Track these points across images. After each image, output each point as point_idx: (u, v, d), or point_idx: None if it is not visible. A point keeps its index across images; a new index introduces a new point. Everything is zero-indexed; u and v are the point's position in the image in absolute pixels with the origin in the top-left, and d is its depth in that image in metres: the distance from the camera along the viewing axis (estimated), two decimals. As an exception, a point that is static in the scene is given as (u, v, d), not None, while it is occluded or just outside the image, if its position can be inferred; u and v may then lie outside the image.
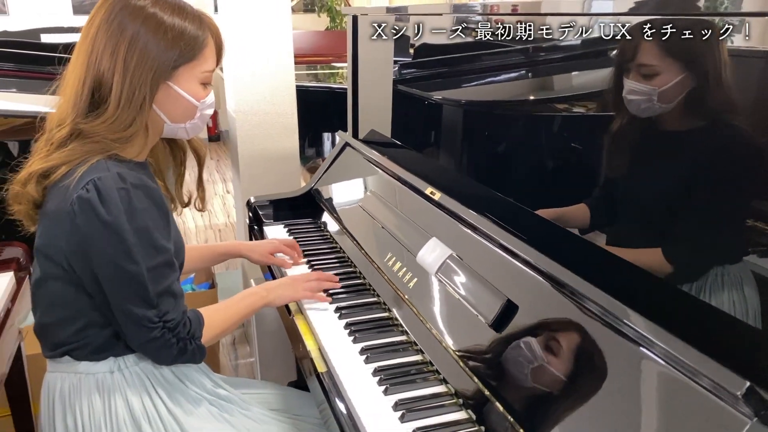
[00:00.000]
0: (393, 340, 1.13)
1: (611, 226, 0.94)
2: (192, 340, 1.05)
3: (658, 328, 0.70)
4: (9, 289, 1.47)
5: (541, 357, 0.85)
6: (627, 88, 0.83)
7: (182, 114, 1.06)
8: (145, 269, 0.97)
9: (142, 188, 0.98)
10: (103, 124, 0.98)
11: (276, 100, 2.20)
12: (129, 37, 0.97)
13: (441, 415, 0.92)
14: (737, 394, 0.60)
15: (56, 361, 1.06)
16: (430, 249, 1.17)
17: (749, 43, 0.67)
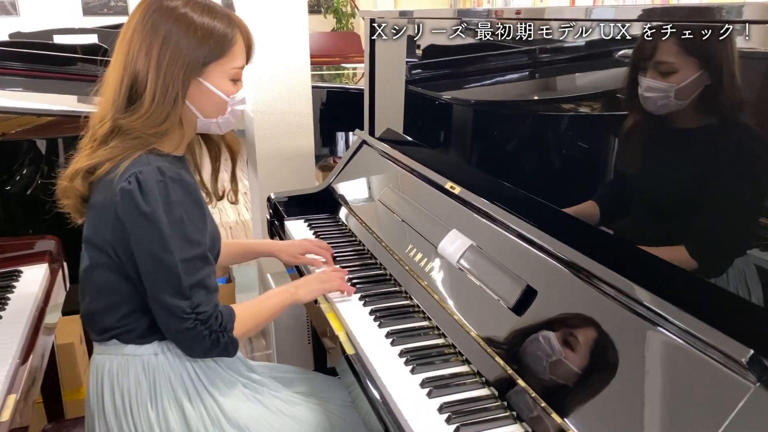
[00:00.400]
0: (416, 325, 1.20)
1: (621, 222, 1.00)
2: (224, 332, 1.08)
3: (669, 304, 0.77)
4: (46, 279, 1.54)
5: (560, 336, 0.93)
6: (644, 85, 0.87)
7: (214, 109, 1.11)
8: (179, 260, 1.02)
9: (180, 182, 1.04)
10: (140, 119, 1.04)
11: (292, 100, 2.27)
12: (162, 36, 1.03)
13: (465, 391, 0.99)
14: (742, 361, 0.67)
15: (104, 345, 1.13)
16: (451, 240, 1.24)
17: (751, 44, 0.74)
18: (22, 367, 1.19)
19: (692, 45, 0.81)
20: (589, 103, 1.11)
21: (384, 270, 1.43)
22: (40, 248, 1.68)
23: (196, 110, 1.10)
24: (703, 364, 0.72)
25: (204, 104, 1.10)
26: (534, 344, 0.96)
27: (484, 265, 1.15)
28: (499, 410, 0.94)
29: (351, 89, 2.83)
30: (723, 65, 0.78)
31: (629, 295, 0.84)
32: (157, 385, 1.10)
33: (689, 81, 0.83)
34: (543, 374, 0.92)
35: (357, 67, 4.01)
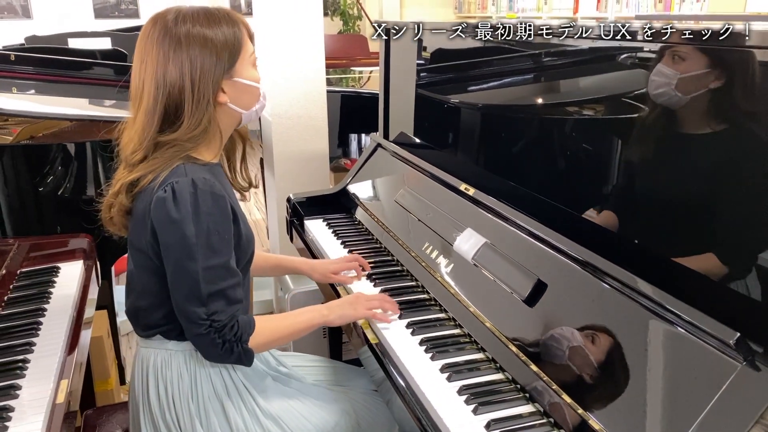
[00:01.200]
0: (433, 316, 1.30)
1: (624, 220, 1.10)
2: (239, 342, 1.11)
3: (666, 293, 0.87)
4: (82, 275, 1.64)
5: (569, 325, 1.02)
6: (655, 70, 0.92)
7: (252, 99, 1.17)
8: (201, 268, 1.06)
9: (211, 195, 1.08)
10: (183, 133, 1.09)
11: (308, 104, 2.37)
12: (182, 62, 1.07)
13: (481, 376, 1.09)
14: (730, 342, 0.77)
15: (148, 339, 1.21)
16: (466, 238, 1.34)
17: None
18: (69, 357, 1.29)
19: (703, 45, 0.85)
20: (593, 105, 1.20)
21: (401, 266, 1.53)
22: (74, 246, 1.78)
23: (238, 108, 1.15)
24: (696, 346, 0.82)
25: (243, 99, 1.16)
26: (545, 333, 1.06)
27: (497, 261, 1.24)
28: (512, 392, 1.04)
29: (363, 93, 2.93)
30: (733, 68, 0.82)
31: (631, 286, 0.94)
32: (197, 379, 1.18)
33: (694, 74, 0.87)
34: (554, 359, 1.01)
35: (363, 71, 4.09)
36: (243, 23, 1.16)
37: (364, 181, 1.96)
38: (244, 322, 1.13)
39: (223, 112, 1.15)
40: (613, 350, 0.93)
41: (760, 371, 0.75)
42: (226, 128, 1.19)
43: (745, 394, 0.75)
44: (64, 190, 2.05)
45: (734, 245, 0.85)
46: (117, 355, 2.22)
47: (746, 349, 0.77)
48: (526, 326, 1.10)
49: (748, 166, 0.83)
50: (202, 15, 1.11)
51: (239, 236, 1.15)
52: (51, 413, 1.09)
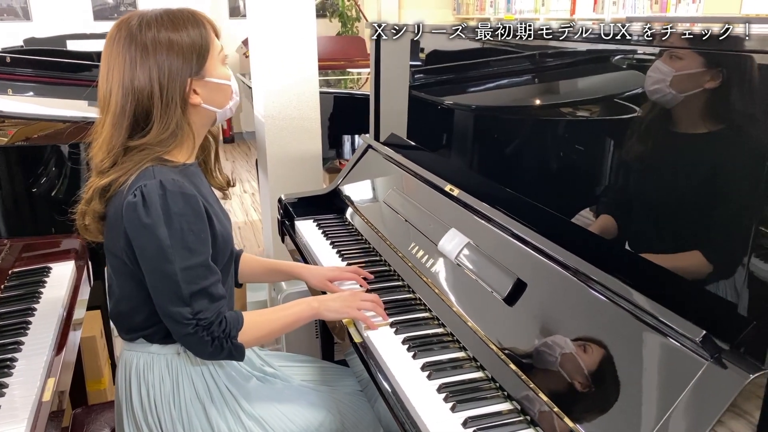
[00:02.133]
0: (418, 316, 1.31)
1: (598, 220, 1.11)
2: (228, 339, 1.12)
3: (635, 291, 0.88)
4: (73, 275, 1.65)
5: (546, 323, 1.03)
6: (652, 67, 0.91)
7: (224, 97, 1.17)
8: (179, 269, 1.06)
9: (181, 195, 1.08)
10: (154, 137, 1.09)
11: (301, 106, 2.39)
12: (150, 68, 1.07)
13: (461, 374, 1.10)
14: (696, 340, 0.78)
15: (132, 342, 1.21)
16: (449, 238, 1.35)
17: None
18: (57, 357, 1.30)
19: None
20: (576, 108, 1.21)
21: (388, 266, 1.54)
22: (66, 246, 1.79)
23: (212, 107, 1.15)
24: (663, 344, 0.83)
25: (217, 97, 1.15)
26: (523, 332, 1.07)
27: (479, 261, 1.26)
28: (491, 391, 1.05)
29: (356, 95, 2.94)
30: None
31: (602, 284, 0.95)
32: (179, 382, 1.18)
33: (688, 73, 0.87)
34: (531, 358, 1.02)
35: (362, 72, 4.11)
36: (208, 22, 1.16)
37: (354, 182, 1.97)
38: (231, 317, 1.14)
39: (196, 113, 1.14)
40: (584, 348, 0.94)
41: (727, 369, 0.76)
42: (199, 129, 1.18)
43: (711, 391, 0.76)
44: (58, 191, 2.07)
45: (702, 244, 0.87)
46: (110, 355, 2.24)
47: (713, 347, 0.78)
48: (506, 325, 1.11)
49: (720, 167, 0.85)
50: (167, 18, 1.11)
51: (214, 236, 1.15)
52: (37, 411, 1.11)
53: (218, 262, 1.17)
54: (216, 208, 1.21)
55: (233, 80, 1.19)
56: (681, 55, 0.87)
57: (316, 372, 1.43)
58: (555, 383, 0.96)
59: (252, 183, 5.01)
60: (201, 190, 1.17)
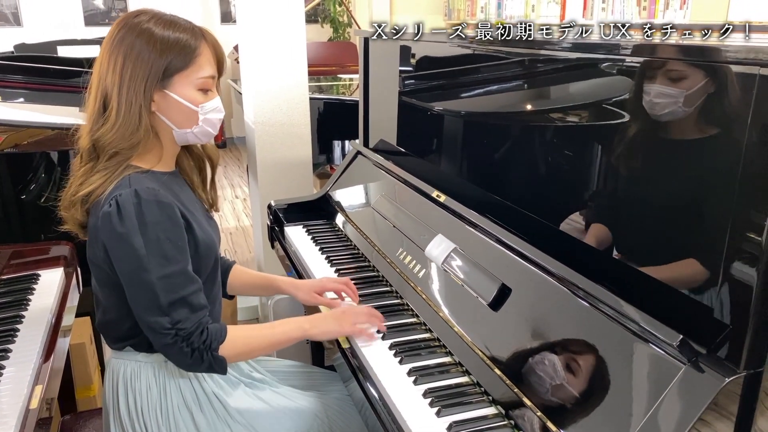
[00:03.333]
0: (405, 321, 1.32)
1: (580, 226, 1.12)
2: (208, 350, 1.09)
3: (616, 297, 0.90)
4: (62, 282, 1.65)
5: (530, 328, 1.05)
6: (653, 91, 0.89)
7: (185, 119, 1.13)
8: (156, 278, 1.05)
9: (157, 203, 1.07)
10: (111, 132, 1.08)
11: (291, 112, 2.40)
12: (125, 50, 1.07)
13: (447, 379, 1.11)
14: (674, 344, 0.79)
15: (119, 351, 1.21)
16: (436, 244, 1.36)
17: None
18: (45, 364, 1.30)
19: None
20: (562, 115, 1.23)
21: (377, 272, 1.55)
22: (55, 253, 1.79)
23: (168, 121, 1.13)
24: (641, 348, 0.84)
25: (175, 115, 1.12)
26: (508, 336, 1.08)
27: (465, 266, 1.27)
28: (476, 395, 1.06)
29: (347, 101, 2.95)
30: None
31: (582, 288, 0.97)
32: (167, 390, 1.18)
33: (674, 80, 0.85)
34: (515, 363, 1.04)
35: (354, 77, 4.13)
36: (210, 43, 1.14)
37: (343, 188, 1.98)
38: (214, 329, 1.12)
39: (159, 124, 1.13)
40: (566, 353, 0.95)
41: (704, 372, 0.77)
42: (166, 140, 1.16)
43: (688, 394, 0.77)
44: (48, 198, 2.06)
45: (679, 249, 0.88)
46: (100, 362, 2.23)
47: (690, 351, 0.79)
48: (491, 330, 1.12)
49: (695, 174, 0.86)
50: (167, 18, 1.11)
51: (196, 244, 1.14)
52: (24, 418, 1.10)
53: (202, 270, 1.17)
54: (198, 215, 1.20)
55: (214, 110, 1.15)
56: (672, 64, 0.88)
57: (305, 377, 1.43)
58: (538, 388, 0.97)
59: (243, 188, 5.01)
60: (180, 198, 1.16)
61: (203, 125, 1.15)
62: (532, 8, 5.26)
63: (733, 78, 0.78)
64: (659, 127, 0.93)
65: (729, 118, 0.79)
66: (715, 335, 0.79)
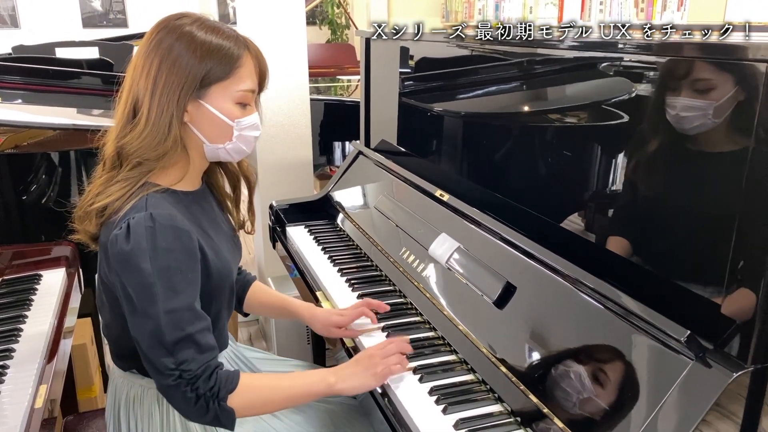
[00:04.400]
0: (409, 320, 1.32)
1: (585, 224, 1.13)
2: (215, 399, 0.98)
3: (622, 293, 0.90)
4: (64, 282, 1.65)
5: (536, 325, 1.05)
6: (680, 105, 0.85)
7: (219, 134, 1.05)
8: (162, 311, 0.96)
9: (172, 229, 0.98)
10: (138, 140, 1.00)
11: (291, 113, 2.40)
12: (162, 54, 0.99)
13: (453, 377, 1.11)
14: (681, 340, 0.80)
15: (124, 371, 1.15)
16: (440, 242, 1.37)
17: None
18: (49, 365, 1.30)
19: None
20: (563, 115, 1.23)
21: (380, 271, 1.55)
22: (57, 253, 1.79)
23: (200, 134, 1.05)
24: (649, 344, 0.85)
25: (208, 128, 1.04)
26: (513, 334, 1.09)
27: (469, 265, 1.27)
28: (482, 393, 1.07)
29: (347, 102, 2.96)
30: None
31: (589, 286, 0.97)
32: (170, 419, 1.11)
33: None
34: (520, 360, 1.04)
35: (352, 79, 4.13)
36: (254, 55, 1.06)
37: (345, 188, 1.99)
38: (224, 375, 1.01)
39: (188, 135, 1.05)
40: (572, 350, 0.96)
41: (711, 368, 0.78)
42: (196, 155, 1.08)
43: (696, 389, 0.77)
44: (48, 198, 2.06)
45: (686, 246, 0.89)
46: (101, 363, 2.23)
47: (697, 346, 0.80)
48: (496, 328, 1.12)
49: (701, 170, 0.87)
50: (210, 23, 1.04)
51: (208, 274, 1.06)
52: (29, 418, 1.10)
53: (215, 299, 1.09)
54: (219, 239, 1.12)
55: (251, 127, 1.06)
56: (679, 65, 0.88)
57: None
58: (544, 384, 0.97)
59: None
60: (201, 221, 1.09)
61: (237, 142, 1.06)
62: (530, 10, 5.28)
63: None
64: (658, 125, 0.93)
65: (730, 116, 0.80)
66: (723, 331, 0.79)
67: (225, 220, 1.21)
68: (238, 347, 1.32)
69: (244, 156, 1.13)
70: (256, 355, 1.36)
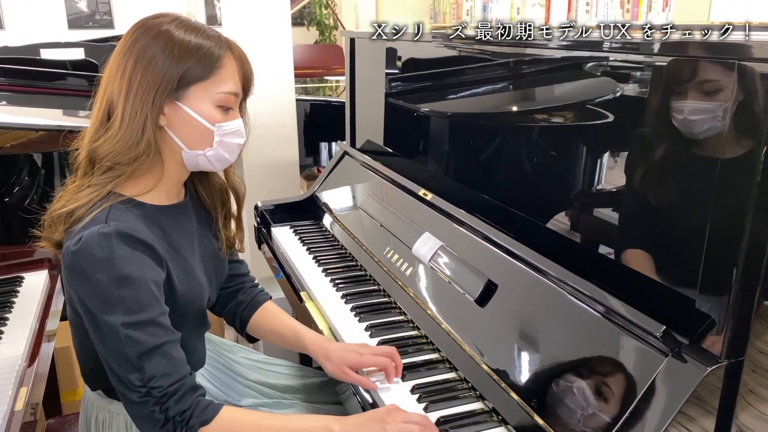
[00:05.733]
0: (393, 319, 1.33)
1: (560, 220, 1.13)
2: (184, 426, 0.89)
3: (601, 290, 0.91)
4: (46, 285, 1.64)
5: (517, 322, 1.05)
6: (688, 108, 0.82)
7: (198, 139, 0.98)
8: (120, 324, 0.88)
9: (131, 238, 0.91)
10: (110, 142, 0.94)
11: (277, 114, 2.40)
12: (137, 53, 0.94)
13: (435, 375, 1.12)
14: (657, 335, 0.81)
15: (91, 390, 1.10)
16: (423, 241, 1.37)
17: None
18: (30, 369, 1.29)
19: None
20: (548, 115, 1.24)
21: (364, 271, 1.55)
22: (39, 255, 1.77)
23: (178, 139, 0.98)
24: (626, 338, 0.85)
25: (186, 132, 0.98)
26: (494, 332, 1.09)
27: (452, 263, 1.27)
28: (464, 391, 1.07)
29: (333, 102, 2.96)
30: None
31: (566, 282, 0.99)
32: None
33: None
34: (501, 358, 1.04)
35: (340, 80, 4.13)
36: (237, 57, 1.01)
37: (331, 188, 1.99)
38: (203, 403, 0.92)
39: (165, 141, 0.99)
40: (551, 347, 0.96)
41: (686, 362, 0.78)
42: (174, 163, 1.01)
43: (672, 383, 0.78)
44: (32, 200, 2.05)
45: (663, 241, 0.89)
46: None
47: (673, 341, 0.81)
48: (478, 326, 1.13)
49: (676, 168, 0.88)
50: (191, 23, 0.99)
51: (173, 298, 0.98)
52: (9, 420, 1.10)
53: (180, 328, 0.98)
54: (191, 260, 1.05)
55: (233, 133, 1.00)
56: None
57: (296, 380, 1.37)
58: (524, 382, 0.98)
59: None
60: (172, 238, 1.02)
61: (218, 149, 0.99)
62: (517, 11, 5.31)
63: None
64: (636, 123, 0.94)
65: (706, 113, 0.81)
66: (698, 326, 0.80)
67: (210, 238, 1.14)
68: (221, 351, 1.30)
69: (226, 165, 1.05)
70: (241, 355, 1.35)
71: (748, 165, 0.73)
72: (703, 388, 0.76)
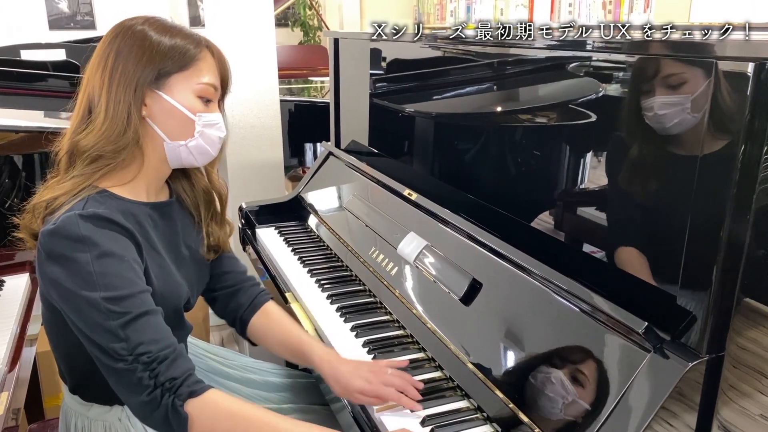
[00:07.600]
0: (378, 319, 1.33)
1: (546, 219, 1.14)
2: (172, 394, 0.87)
3: (584, 288, 0.92)
4: (27, 288, 1.62)
5: (499, 321, 1.06)
6: (665, 106, 0.83)
7: (179, 129, 0.99)
8: (101, 298, 0.87)
9: (109, 221, 0.92)
10: (95, 134, 0.95)
11: (261, 114, 2.39)
12: (117, 49, 0.97)
13: (421, 374, 1.12)
14: (639, 331, 0.81)
15: (70, 395, 1.08)
16: (408, 241, 1.37)
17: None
18: (10, 374, 1.27)
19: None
20: (531, 115, 1.24)
21: (350, 271, 1.55)
22: (21, 258, 1.75)
23: (159, 130, 0.99)
24: (608, 335, 0.86)
25: (168, 122, 0.99)
26: (479, 330, 1.09)
27: (436, 262, 1.28)
28: (449, 389, 1.07)
29: (318, 103, 2.95)
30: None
31: (548, 279, 0.99)
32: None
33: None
34: (486, 357, 1.05)
35: (324, 80, 4.13)
36: (214, 52, 1.04)
37: (316, 189, 1.98)
38: (193, 375, 0.91)
39: (146, 133, 0.99)
40: (536, 344, 0.97)
41: (668, 358, 0.79)
42: (155, 157, 1.02)
43: (654, 379, 0.79)
44: (12, 202, 2.02)
45: (644, 238, 0.90)
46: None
47: (655, 338, 0.81)
48: (463, 325, 1.13)
49: (654, 165, 0.89)
50: (166, 23, 1.02)
51: (153, 294, 0.96)
52: (-11, 426, 1.08)
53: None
54: (169, 260, 1.05)
55: (214, 126, 1.02)
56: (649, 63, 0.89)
57: (282, 383, 1.36)
58: (509, 380, 0.98)
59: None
60: (150, 236, 1.02)
61: (200, 139, 1.00)
62: (501, 11, 5.33)
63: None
64: (617, 123, 0.95)
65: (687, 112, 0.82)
66: (679, 322, 0.81)
67: (195, 242, 1.14)
68: (204, 353, 1.29)
69: (209, 159, 1.07)
70: (225, 357, 1.34)
71: (725, 162, 0.74)
72: (684, 383, 0.77)
